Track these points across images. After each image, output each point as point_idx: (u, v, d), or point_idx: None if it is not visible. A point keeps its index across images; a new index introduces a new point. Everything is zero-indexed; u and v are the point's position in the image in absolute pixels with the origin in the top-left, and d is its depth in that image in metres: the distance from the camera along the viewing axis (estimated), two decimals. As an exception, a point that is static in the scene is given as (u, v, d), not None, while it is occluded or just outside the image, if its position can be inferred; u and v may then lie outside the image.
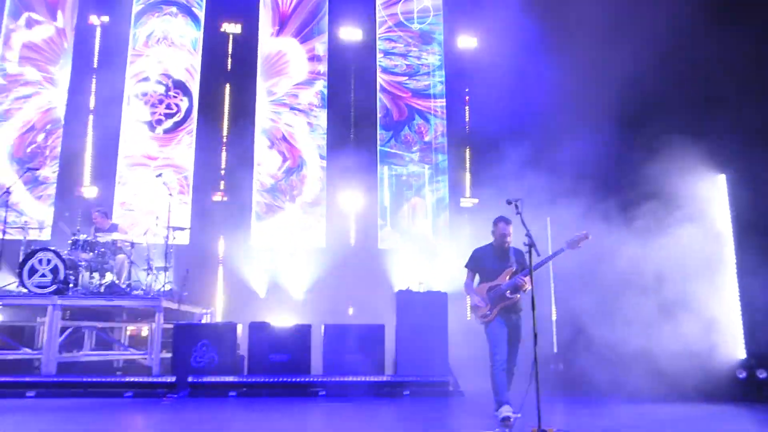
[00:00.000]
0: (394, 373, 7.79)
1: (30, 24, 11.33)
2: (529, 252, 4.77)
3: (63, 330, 7.80)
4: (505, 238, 5.56)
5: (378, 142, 11.22)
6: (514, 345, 5.56)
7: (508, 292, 5.43)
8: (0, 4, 11.21)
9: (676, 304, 6.86)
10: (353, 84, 11.39)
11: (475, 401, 7.06)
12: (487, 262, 5.64)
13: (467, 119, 11.44)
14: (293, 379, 7.43)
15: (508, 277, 5.51)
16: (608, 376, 6.85)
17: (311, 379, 7.51)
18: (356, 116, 11.33)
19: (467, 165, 11.25)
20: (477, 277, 5.71)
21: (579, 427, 4.63)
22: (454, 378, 7.76)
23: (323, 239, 10.79)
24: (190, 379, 7.33)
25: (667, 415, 6.02)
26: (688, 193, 7.25)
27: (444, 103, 11.45)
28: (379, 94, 11.42)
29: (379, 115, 11.33)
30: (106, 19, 11.37)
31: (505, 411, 5.23)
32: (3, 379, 7.22)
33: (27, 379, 7.37)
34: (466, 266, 5.75)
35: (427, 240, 10.80)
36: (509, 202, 5.00)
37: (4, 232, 8.65)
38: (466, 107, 11.48)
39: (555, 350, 8.76)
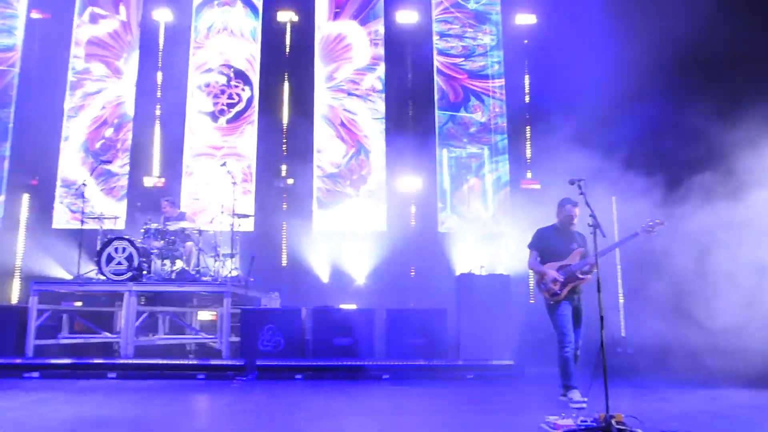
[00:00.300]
0: (457, 357, 7.79)
1: (94, 19, 11.81)
2: (594, 233, 4.64)
3: (139, 315, 8.19)
4: (571, 220, 5.47)
5: (436, 125, 11.14)
6: (578, 327, 5.47)
7: (580, 272, 5.33)
8: (70, 3, 11.73)
9: (754, 286, 6.54)
10: (410, 67, 11.32)
11: (540, 385, 6.97)
12: (552, 243, 5.56)
13: (527, 98, 11.17)
14: (357, 363, 7.54)
15: (578, 258, 5.41)
16: (681, 359, 6.62)
17: (375, 363, 7.60)
18: (414, 99, 11.27)
19: (527, 145, 11.01)
20: (539, 259, 5.63)
21: (649, 413, 4.50)
22: (518, 361, 7.69)
23: (384, 223, 10.85)
24: (257, 362, 7.55)
25: (744, 400, 5.77)
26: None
27: (502, 83, 11.23)
28: (436, 77, 11.31)
29: (436, 98, 11.23)
30: (168, 13, 11.72)
31: (575, 396, 5.16)
32: (87, 361, 7.67)
33: (108, 361, 7.79)
34: (529, 246, 5.69)
35: (488, 222, 10.68)
36: (572, 183, 4.87)
37: (82, 222, 9.14)
38: (526, 86, 11.21)
39: (623, 334, 8.54)
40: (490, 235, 10.32)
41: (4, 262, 10.72)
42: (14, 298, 10.69)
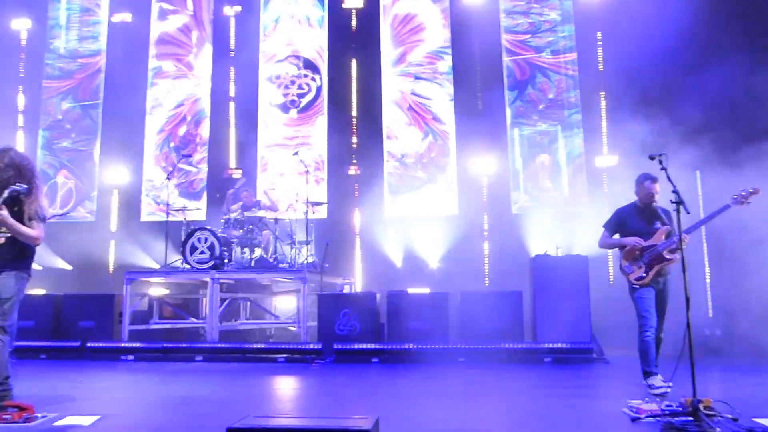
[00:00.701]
0: (534, 340, 7.68)
1: (163, 15, 12.30)
2: (677, 210, 4.41)
3: (222, 301, 8.56)
4: (652, 197, 5.22)
5: (506, 104, 10.92)
6: (663, 309, 5.26)
7: (667, 251, 5.11)
8: (146, 3, 12.27)
9: None
10: (477, 46, 11.12)
11: (621, 369, 6.79)
12: (632, 223, 5.32)
13: (601, 71, 10.74)
14: (432, 346, 7.57)
15: (664, 237, 5.18)
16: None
17: (450, 346, 7.61)
18: (482, 79, 11.08)
19: (603, 120, 10.60)
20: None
21: (739, 398, 4.29)
22: (597, 344, 7.50)
23: (455, 206, 10.78)
24: (335, 346, 7.73)
25: None
26: None
27: (574, 57, 10.83)
28: (504, 56, 11.07)
29: (505, 76, 11.00)
30: (238, 7, 12.04)
31: (656, 381, 4.98)
32: (176, 345, 8.11)
33: (195, 345, 8.20)
34: (604, 225, 5.49)
35: (563, 201, 10.40)
36: (652, 157, 4.63)
37: (167, 214, 9.62)
38: (599, 59, 10.77)
39: (710, 314, 8.15)
40: (565, 214, 10.04)
41: (99, 253, 11.46)
42: (110, 288, 11.41)
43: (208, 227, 8.84)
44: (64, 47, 12.43)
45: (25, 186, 4.21)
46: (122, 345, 8.14)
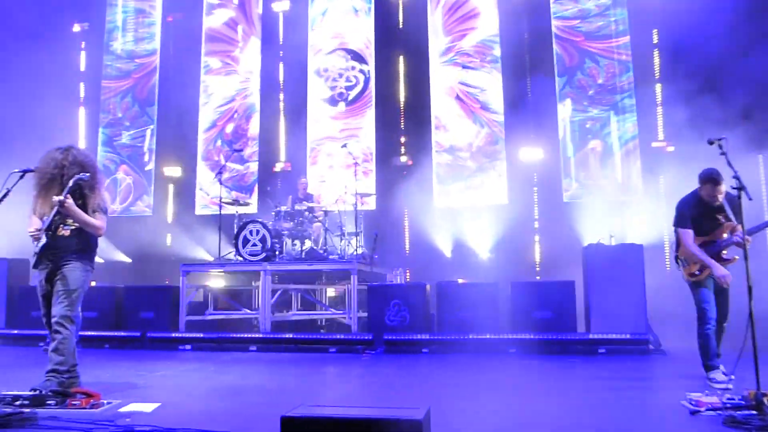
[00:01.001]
0: (587, 331, 7.53)
1: (210, 10, 12.54)
2: (739, 196, 4.21)
3: (274, 293, 8.72)
4: (714, 200, 4.91)
5: (557, 91, 10.69)
6: (725, 297, 5.05)
7: (725, 252, 4.88)
8: (198, 1, 12.54)
9: None
10: (526, 33, 10.91)
11: (679, 360, 6.59)
12: (695, 216, 5.05)
13: (656, 55, 10.37)
14: (483, 337, 7.51)
15: (726, 233, 4.96)
16: None
17: (501, 337, 7.54)
18: (531, 66, 10.87)
19: (658, 105, 10.24)
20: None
21: (808, 391, 4.10)
22: (654, 336, 7.28)
23: (505, 196, 10.65)
24: (385, 336, 7.76)
25: None
26: None
27: (626, 41, 10.49)
28: (554, 42, 10.82)
29: (555, 63, 10.76)
30: (287, 3, 12.17)
31: (718, 376, 4.81)
32: (231, 335, 8.32)
33: (249, 335, 8.38)
34: (680, 225, 5.09)
35: (616, 189, 10.12)
36: (711, 142, 4.42)
37: (220, 207, 9.86)
38: (654, 42, 10.39)
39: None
40: (619, 202, 9.79)
41: (157, 246, 11.85)
42: (167, 279, 11.81)
43: (260, 220, 9.01)
44: (121, 48, 12.86)
45: (88, 174, 4.41)
46: (180, 335, 8.40)
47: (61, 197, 4.25)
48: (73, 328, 4.36)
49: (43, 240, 4.35)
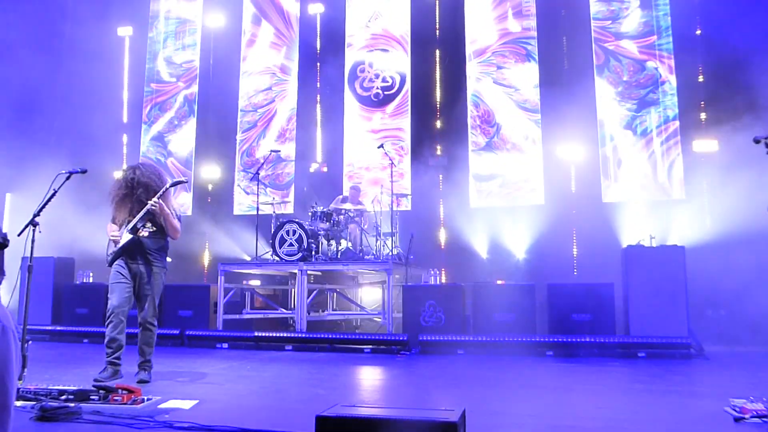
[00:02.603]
0: (626, 334, 7.38)
1: (253, 17, 12.73)
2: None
3: (310, 292, 8.80)
4: None
5: (595, 89, 10.49)
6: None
7: None
8: (238, 7, 12.76)
9: None
10: (565, 30, 10.74)
11: (721, 365, 6.41)
12: None
13: (698, 51, 10.08)
14: (519, 339, 7.44)
15: None
16: None
17: (538, 339, 7.46)
18: (569, 64, 10.69)
19: (701, 104, 9.95)
20: None
21: None
22: (696, 340, 7.10)
23: (542, 196, 10.51)
24: (420, 337, 7.75)
25: None
26: None
27: (668, 39, 10.22)
28: (593, 40, 10.63)
29: (594, 60, 10.56)
30: (322, 6, 12.28)
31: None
32: (268, 334, 8.42)
33: (285, 334, 8.48)
34: None
35: (657, 189, 9.89)
36: (757, 141, 4.29)
37: (257, 208, 10.00)
38: (697, 36, 10.11)
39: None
40: (660, 202, 9.56)
41: (196, 246, 12.09)
42: (205, 278, 12.04)
43: (297, 220, 9.10)
44: (164, 55, 13.16)
45: (184, 180, 5.74)
46: (217, 333, 8.54)
47: (158, 200, 4.96)
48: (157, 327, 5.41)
49: (127, 237, 5.03)
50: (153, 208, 4.96)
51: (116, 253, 5.12)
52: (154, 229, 5.17)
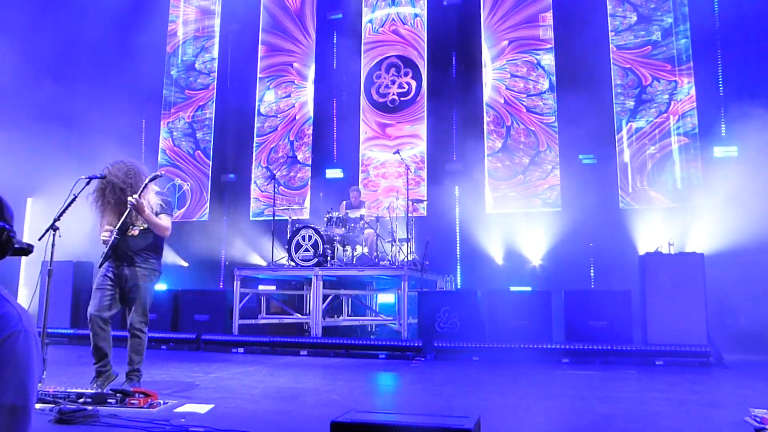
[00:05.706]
0: (644, 342, 7.31)
1: (269, 23, 12.83)
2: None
3: (325, 298, 8.82)
4: None
5: (613, 96, 10.42)
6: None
7: None
8: (255, 12, 12.87)
9: None
10: (582, 39, 10.66)
11: (741, 374, 6.32)
12: None
13: (718, 53, 9.97)
14: (535, 346, 7.39)
15: None
16: None
17: (554, 346, 7.41)
18: (586, 70, 10.62)
19: (720, 109, 9.84)
20: None
21: None
22: (715, 348, 7.01)
23: (558, 202, 10.46)
24: (435, 343, 7.73)
25: None
26: None
27: (687, 41, 10.13)
28: (611, 51, 10.57)
29: (612, 69, 10.49)
30: (340, 13, 12.36)
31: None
32: (283, 339, 8.46)
33: (300, 340, 8.51)
34: None
35: (675, 195, 9.79)
36: (777, 148, 4.26)
37: (273, 214, 10.06)
38: (717, 39, 10.00)
39: None
40: (678, 209, 9.46)
41: (212, 251, 12.19)
42: (222, 283, 12.13)
43: (312, 225, 9.14)
44: (182, 59, 13.32)
45: (162, 173, 5.16)
46: (233, 338, 8.59)
47: (136, 197, 4.66)
48: (146, 333, 5.04)
49: (114, 238, 4.78)
50: (131, 206, 4.68)
51: (106, 255, 4.88)
52: (144, 227, 4.91)
